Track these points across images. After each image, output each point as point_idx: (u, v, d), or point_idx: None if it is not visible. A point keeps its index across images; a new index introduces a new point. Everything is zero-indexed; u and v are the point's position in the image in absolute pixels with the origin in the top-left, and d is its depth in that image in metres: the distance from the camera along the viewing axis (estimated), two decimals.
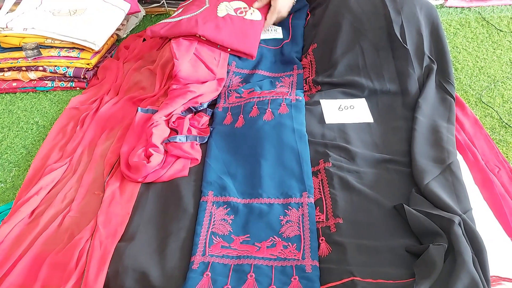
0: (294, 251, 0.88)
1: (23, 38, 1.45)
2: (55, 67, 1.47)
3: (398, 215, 0.93)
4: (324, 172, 1.03)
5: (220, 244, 0.91)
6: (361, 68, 1.28)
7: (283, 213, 0.96)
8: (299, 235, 0.91)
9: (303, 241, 0.90)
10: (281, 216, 0.95)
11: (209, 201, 0.99)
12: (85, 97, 1.40)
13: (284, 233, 0.92)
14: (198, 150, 1.11)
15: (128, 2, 1.66)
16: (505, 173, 1.08)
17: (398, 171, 1.03)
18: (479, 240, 0.81)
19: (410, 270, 0.81)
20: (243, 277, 0.84)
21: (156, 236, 0.93)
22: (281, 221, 0.94)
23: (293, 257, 0.87)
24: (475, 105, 1.32)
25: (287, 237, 0.91)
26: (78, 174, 1.11)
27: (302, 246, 0.89)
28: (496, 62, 1.48)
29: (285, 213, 0.95)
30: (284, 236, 0.91)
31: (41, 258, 0.90)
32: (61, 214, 0.99)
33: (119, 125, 1.24)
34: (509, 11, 1.73)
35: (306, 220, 0.93)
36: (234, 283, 0.83)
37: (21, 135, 1.34)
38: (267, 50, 1.44)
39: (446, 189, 0.94)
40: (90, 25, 1.49)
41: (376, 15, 1.30)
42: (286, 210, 0.96)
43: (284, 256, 0.88)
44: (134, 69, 1.45)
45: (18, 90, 1.50)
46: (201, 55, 1.31)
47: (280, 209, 0.96)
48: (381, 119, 1.18)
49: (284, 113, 1.16)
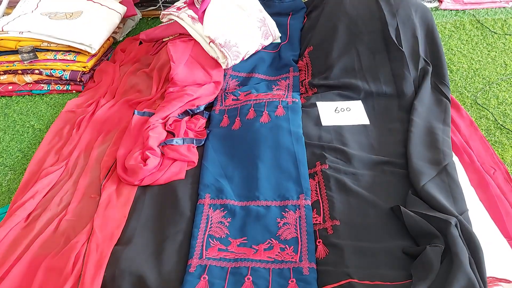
0: (291, 253, 0.88)
1: (19, 42, 1.45)
2: (51, 70, 1.46)
3: (394, 217, 0.93)
4: (321, 174, 1.03)
5: (217, 247, 0.90)
6: (357, 71, 1.29)
7: (280, 215, 0.95)
8: (296, 238, 0.91)
9: (300, 244, 0.90)
10: (278, 218, 0.95)
11: (206, 204, 0.99)
12: (81, 100, 1.40)
13: (281, 236, 0.92)
14: (195, 153, 1.11)
15: (125, 5, 1.66)
16: (501, 174, 1.08)
17: (394, 173, 1.03)
18: (475, 241, 0.82)
19: (407, 271, 0.82)
20: (241, 280, 0.84)
21: (153, 240, 0.93)
22: (278, 224, 0.94)
23: (290, 259, 0.87)
24: (470, 107, 1.32)
25: (284, 240, 0.91)
26: (74, 177, 1.10)
27: (299, 249, 0.89)
28: (490, 64, 1.49)
29: (282, 216, 0.95)
30: (281, 238, 0.91)
31: (37, 262, 0.89)
32: (57, 217, 0.99)
33: (116, 128, 1.23)
34: (503, 13, 1.74)
35: (303, 222, 0.93)
36: (231, 286, 0.83)
37: (17, 139, 1.33)
38: (266, 54, 1.44)
39: (442, 190, 0.94)
40: (86, 28, 1.49)
41: (371, 18, 1.31)
42: (283, 212, 0.96)
43: (282, 259, 0.87)
44: (130, 72, 1.45)
45: (14, 93, 1.49)
46: (197, 57, 1.31)
47: (277, 212, 0.96)
48: (377, 121, 1.19)
49: (281, 115, 1.17)
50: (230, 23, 1.35)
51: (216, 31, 1.32)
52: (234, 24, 1.36)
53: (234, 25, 1.35)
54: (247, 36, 1.36)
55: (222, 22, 1.34)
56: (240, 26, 1.36)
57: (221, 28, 1.33)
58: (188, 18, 1.35)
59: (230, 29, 1.34)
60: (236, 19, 1.37)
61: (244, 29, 1.36)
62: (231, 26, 1.35)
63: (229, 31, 1.33)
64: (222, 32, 1.32)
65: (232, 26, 1.35)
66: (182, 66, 1.26)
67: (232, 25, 1.35)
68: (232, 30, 1.34)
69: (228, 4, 1.39)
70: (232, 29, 1.34)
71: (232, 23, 1.35)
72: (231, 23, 1.35)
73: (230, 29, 1.34)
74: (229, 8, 1.38)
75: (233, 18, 1.37)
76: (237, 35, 1.34)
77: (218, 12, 1.35)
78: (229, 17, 1.36)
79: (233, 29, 1.34)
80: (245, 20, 1.38)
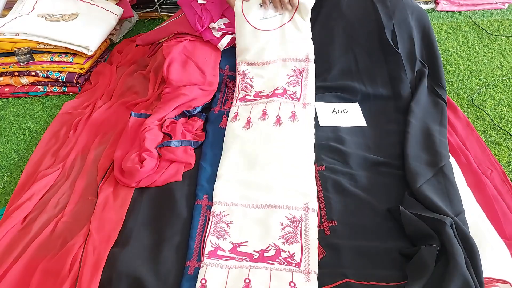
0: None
1: (16, 43, 1.44)
2: (48, 72, 1.46)
3: (391, 218, 0.93)
4: (318, 175, 1.03)
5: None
6: (354, 73, 1.29)
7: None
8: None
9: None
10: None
11: (204, 205, 0.99)
12: (78, 102, 1.40)
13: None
14: (191, 155, 1.11)
15: (121, 7, 1.66)
16: (497, 175, 1.09)
17: (391, 174, 1.03)
18: (471, 242, 0.82)
19: (403, 272, 0.82)
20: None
21: (150, 241, 0.92)
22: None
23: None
24: (466, 108, 1.33)
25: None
26: (71, 179, 1.10)
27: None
28: (487, 65, 1.49)
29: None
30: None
31: (33, 264, 0.89)
32: (54, 220, 0.98)
33: (112, 130, 1.23)
34: (499, 15, 1.75)
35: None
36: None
37: (14, 141, 1.33)
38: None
39: (438, 191, 0.94)
40: (83, 30, 1.49)
41: (368, 20, 1.32)
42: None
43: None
44: (127, 74, 1.45)
45: (11, 95, 1.49)
46: (192, 56, 1.31)
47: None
48: (374, 122, 1.19)
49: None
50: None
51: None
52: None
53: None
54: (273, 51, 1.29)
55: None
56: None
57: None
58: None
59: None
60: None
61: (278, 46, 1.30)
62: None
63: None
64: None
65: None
66: (177, 66, 1.26)
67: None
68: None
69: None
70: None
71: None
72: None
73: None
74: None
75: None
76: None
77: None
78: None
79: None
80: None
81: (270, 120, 1.14)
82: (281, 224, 0.93)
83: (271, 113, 1.16)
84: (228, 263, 0.87)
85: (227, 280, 0.84)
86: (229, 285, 0.83)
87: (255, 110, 1.18)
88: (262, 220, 0.94)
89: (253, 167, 1.04)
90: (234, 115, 1.18)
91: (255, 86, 1.26)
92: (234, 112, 1.19)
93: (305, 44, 1.30)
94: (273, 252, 0.88)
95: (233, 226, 0.94)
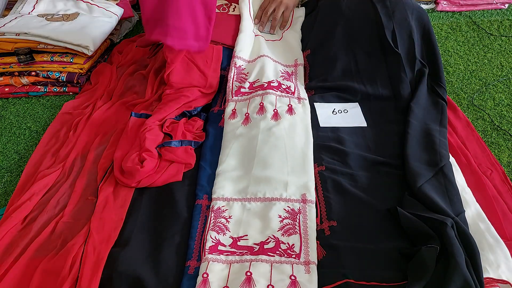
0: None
1: (16, 43, 1.44)
2: (48, 72, 1.46)
3: (391, 218, 0.93)
4: (318, 176, 1.03)
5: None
6: (354, 73, 1.29)
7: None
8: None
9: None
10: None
11: (204, 205, 0.99)
12: (78, 102, 1.40)
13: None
14: (192, 155, 1.11)
15: (122, 7, 1.66)
16: (497, 175, 1.09)
17: (391, 174, 1.03)
18: (471, 242, 0.82)
19: (404, 272, 0.82)
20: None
21: (150, 241, 0.92)
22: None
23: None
24: (467, 108, 1.33)
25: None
26: (71, 179, 1.10)
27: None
28: (487, 65, 1.49)
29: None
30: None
31: (33, 264, 0.89)
32: (54, 220, 0.98)
33: (113, 130, 1.23)
34: (499, 15, 1.75)
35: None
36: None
37: (14, 141, 1.33)
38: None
39: (438, 191, 0.94)
40: (83, 30, 1.49)
41: (367, 20, 1.32)
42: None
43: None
44: (127, 74, 1.45)
45: (11, 95, 1.49)
46: (193, 58, 1.31)
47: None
48: (374, 123, 1.19)
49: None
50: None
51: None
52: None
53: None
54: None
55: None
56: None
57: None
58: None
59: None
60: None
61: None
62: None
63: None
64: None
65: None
66: (178, 68, 1.26)
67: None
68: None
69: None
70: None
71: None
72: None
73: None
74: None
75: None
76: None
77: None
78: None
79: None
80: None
81: (268, 115, 1.15)
82: (280, 216, 0.94)
83: (268, 107, 1.17)
84: (229, 257, 0.87)
85: (228, 274, 0.84)
86: (230, 278, 0.83)
87: (252, 105, 1.19)
88: (261, 213, 0.95)
89: (252, 162, 1.05)
90: (232, 112, 1.19)
91: (249, 77, 1.30)
92: (232, 109, 1.20)
93: (294, 52, 1.40)
94: (272, 244, 0.89)
95: (232, 221, 0.94)
